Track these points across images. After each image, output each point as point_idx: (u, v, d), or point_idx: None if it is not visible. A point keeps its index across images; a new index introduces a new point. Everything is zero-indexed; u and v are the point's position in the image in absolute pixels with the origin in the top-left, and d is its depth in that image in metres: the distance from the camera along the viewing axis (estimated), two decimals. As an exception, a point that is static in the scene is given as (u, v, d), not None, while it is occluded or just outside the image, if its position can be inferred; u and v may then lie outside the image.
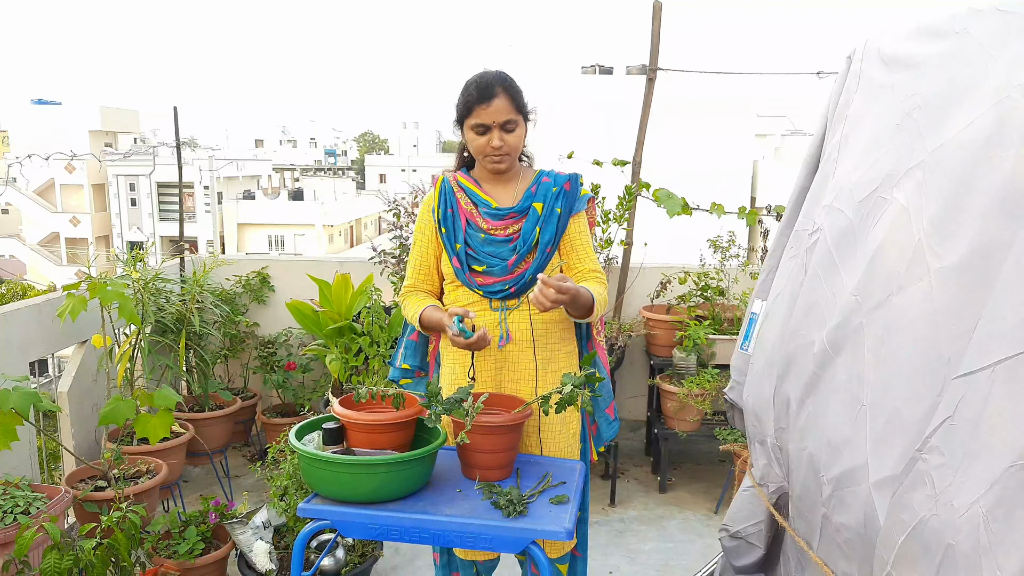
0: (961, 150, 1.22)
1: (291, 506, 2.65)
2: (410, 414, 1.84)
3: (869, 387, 1.31)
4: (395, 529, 1.71)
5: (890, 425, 1.24)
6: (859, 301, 1.39)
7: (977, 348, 1.10)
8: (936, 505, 1.11)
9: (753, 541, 1.84)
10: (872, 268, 1.36)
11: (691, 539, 3.31)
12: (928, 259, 1.22)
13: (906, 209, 1.31)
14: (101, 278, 2.91)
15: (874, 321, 1.33)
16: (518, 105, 1.99)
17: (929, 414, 1.16)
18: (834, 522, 1.39)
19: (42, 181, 31.66)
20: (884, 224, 1.37)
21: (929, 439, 1.14)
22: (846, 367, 1.40)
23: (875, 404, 1.28)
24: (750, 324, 1.92)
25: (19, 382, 2.44)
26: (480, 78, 1.98)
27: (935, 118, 1.32)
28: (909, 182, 1.33)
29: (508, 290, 2.01)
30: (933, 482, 1.12)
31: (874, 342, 1.32)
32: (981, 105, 1.20)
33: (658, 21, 3.77)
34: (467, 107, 1.97)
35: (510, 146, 1.99)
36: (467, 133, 2.01)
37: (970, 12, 1.35)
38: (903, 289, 1.26)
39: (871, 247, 1.39)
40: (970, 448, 1.07)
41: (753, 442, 1.86)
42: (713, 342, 3.65)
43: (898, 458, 1.21)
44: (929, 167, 1.29)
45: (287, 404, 4.12)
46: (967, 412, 1.09)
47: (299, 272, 4.28)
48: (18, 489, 2.52)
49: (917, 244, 1.25)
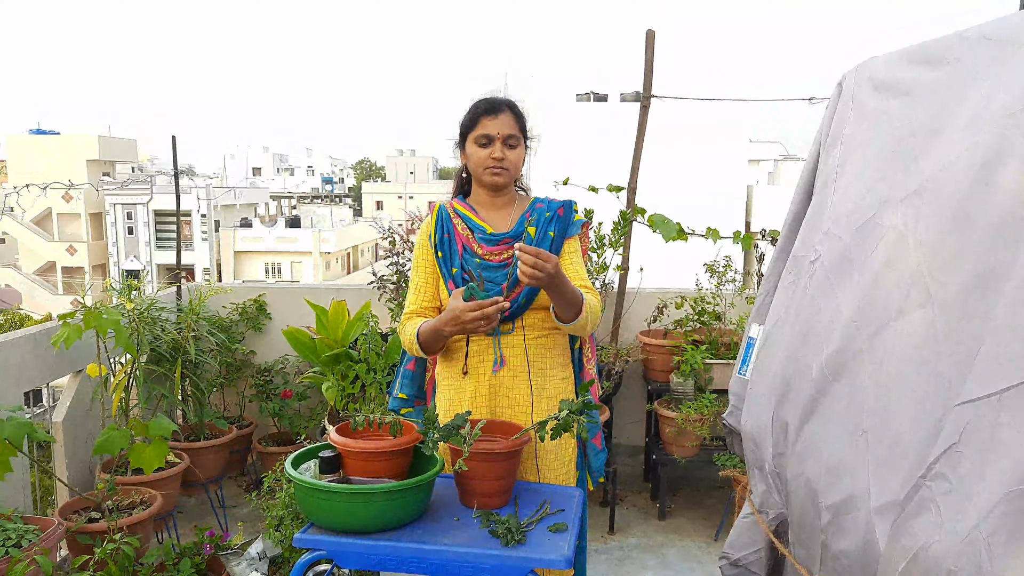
0: (957, 176, 1.23)
1: (287, 536, 2.63)
2: (407, 441, 1.83)
3: (869, 413, 1.31)
4: (392, 559, 1.69)
5: (892, 451, 1.23)
6: (858, 327, 1.39)
7: (981, 374, 1.10)
8: (940, 531, 1.10)
9: (754, 569, 1.82)
10: (872, 295, 1.37)
11: (691, 567, 3.28)
12: (929, 286, 1.22)
13: (904, 235, 1.31)
14: (96, 307, 2.91)
15: (874, 347, 1.33)
16: (522, 126, 2.07)
17: (931, 440, 1.15)
18: (833, 549, 1.38)
19: (39, 210, 31.72)
20: (882, 250, 1.37)
21: (934, 465, 1.14)
22: (845, 393, 1.40)
23: (876, 430, 1.28)
24: (748, 348, 1.92)
25: (13, 412, 2.43)
26: (489, 96, 2.07)
27: (929, 144, 1.33)
28: (906, 208, 1.34)
29: (503, 314, 2.02)
30: (939, 509, 1.11)
31: (874, 368, 1.32)
32: (975, 132, 1.22)
33: (651, 49, 3.82)
34: (473, 119, 2.04)
35: (510, 161, 2.04)
36: (469, 147, 2.06)
37: (960, 39, 1.36)
38: (903, 314, 1.26)
39: (869, 274, 1.39)
40: (977, 475, 1.07)
41: (752, 468, 1.85)
42: (711, 367, 3.65)
43: (900, 484, 1.20)
44: (925, 193, 1.29)
45: (283, 432, 4.09)
46: (974, 439, 1.09)
47: (296, 299, 4.28)
48: (10, 521, 2.49)
49: (916, 270, 1.25)
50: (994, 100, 1.21)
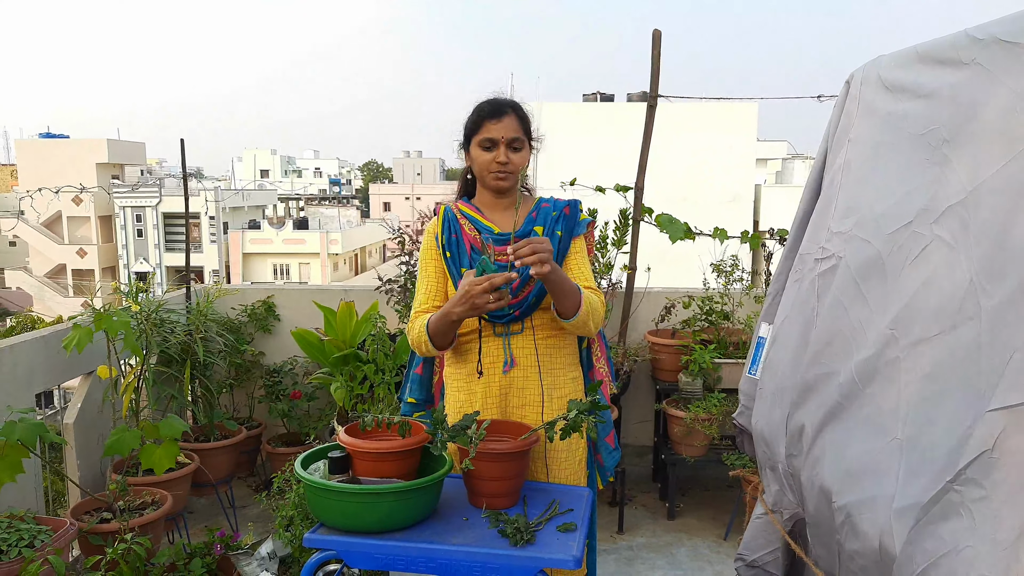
0: (1003, 188, 1.22)
1: (297, 536, 2.63)
2: (416, 442, 1.83)
3: (903, 421, 1.30)
4: (401, 558, 1.69)
5: (923, 457, 1.23)
6: (895, 335, 1.37)
7: (1014, 380, 1.09)
8: (973, 537, 1.09)
9: (771, 569, 1.81)
10: (914, 304, 1.35)
11: (701, 567, 3.27)
12: (980, 299, 1.21)
13: (953, 248, 1.30)
14: (106, 309, 2.92)
15: (915, 356, 1.32)
16: (526, 128, 2.05)
17: (960, 446, 1.15)
18: (847, 549, 1.37)
19: (50, 214, 31.92)
20: (928, 261, 1.36)
21: (964, 471, 1.13)
22: (876, 399, 1.39)
23: (911, 438, 1.27)
24: (758, 348, 1.92)
25: (25, 414, 2.45)
26: (493, 98, 2.06)
27: (959, 152, 1.32)
28: (951, 220, 1.32)
29: (512, 314, 2.02)
30: (972, 514, 1.11)
31: (914, 377, 1.31)
32: (1011, 142, 1.21)
33: (658, 49, 3.81)
34: (477, 122, 2.02)
35: (514, 164, 2.03)
36: (473, 150, 2.05)
37: (973, 41, 1.35)
38: (956, 328, 1.25)
39: (911, 283, 1.38)
40: (1015, 482, 1.06)
41: (764, 468, 1.84)
42: (719, 366, 3.64)
43: (925, 488, 1.19)
44: (971, 205, 1.28)
45: (292, 433, 4.11)
46: (1009, 446, 1.08)
47: (304, 300, 4.29)
48: (23, 522, 2.50)
49: (970, 284, 1.24)
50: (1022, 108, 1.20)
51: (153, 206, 31.92)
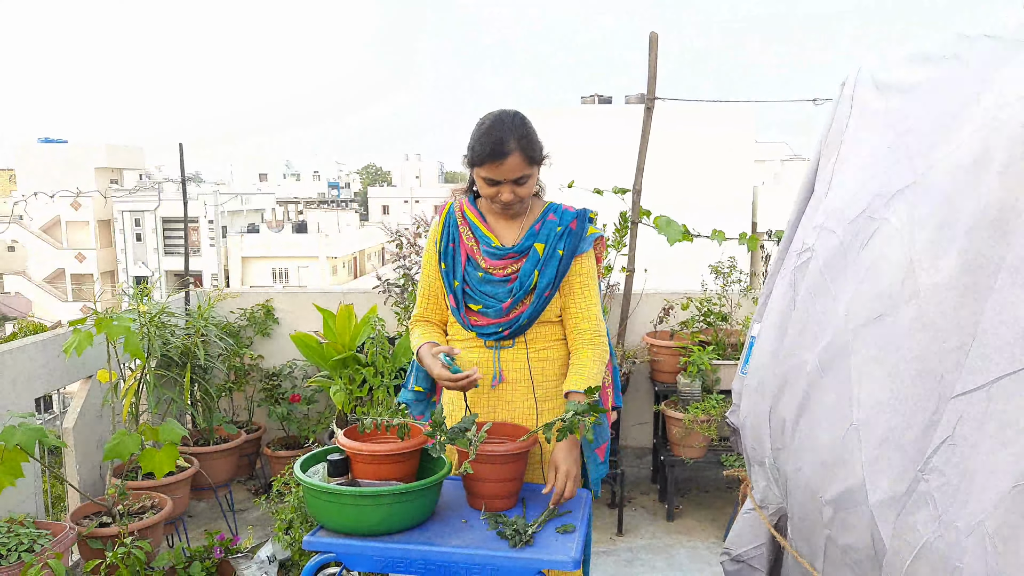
0: (950, 172, 1.24)
1: (296, 539, 2.64)
2: (415, 444, 1.84)
3: (859, 406, 1.31)
4: (401, 561, 1.70)
5: (885, 445, 1.24)
6: (847, 320, 1.39)
7: (972, 367, 1.10)
8: (940, 526, 1.10)
9: (755, 564, 1.83)
10: (861, 287, 1.37)
11: (700, 568, 3.28)
12: (919, 277, 1.23)
13: (899, 231, 1.32)
14: (106, 313, 2.93)
15: (863, 339, 1.33)
16: (532, 158, 1.90)
17: (927, 433, 1.16)
18: (840, 544, 1.38)
19: (48, 218, 31.90)
20: (876, 244, 1.38)
21: (931, 459, 1.14)
22: (835, 386, 1.40)
23: (866, 423, 1.28)
24: (750, 348, 1.93)
25: (25, 418, 2.45)
26: (494, 130, 1.86)
27: (926, 141, 1.34)
28: (898, 202, 1.34)
29: (501, 332, 1.98)
30: (935, 502, 1.12)
31: (862, 361, 1.32)
32: (969, 128, 1.23)
33: (655, 51, 3.82)
34: (479, 160, 1.89)
35: (520, 196, 1.93)
36: (476, 176, 1.94)
37: (960, 38, 1.37)
38: (897, 308, 1.26)
39: (862, 267, 1.40)
40: (970, 467, 1.08)
41: (752, 464, 1.85)
42: (717, 367, 3.65)
43: (897, 478, 1.20)
44: (919, 189, 1.30)
45: (291, 436, 4.11)
46: (966, 431, 1.09)
47: (303, 304, 4.30)
48: (22, 526, 2.51)
49: (909, 264, 1.26)
50: (992, 97, 1.22)
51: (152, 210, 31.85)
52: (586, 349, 1.99)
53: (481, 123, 1.91)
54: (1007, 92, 1.18)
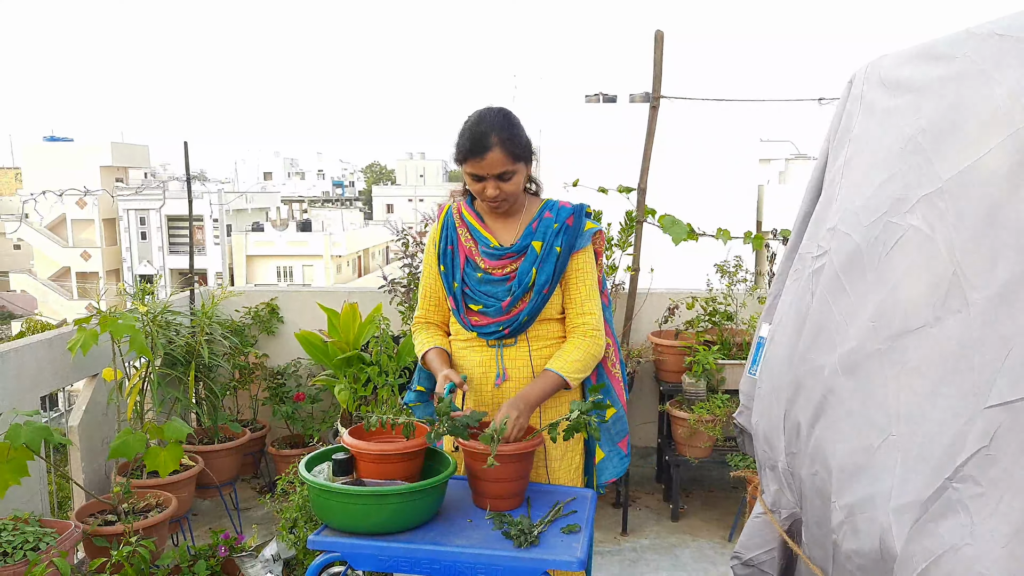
0: (984, 178, 1.21)
1: (301, 538, 2.64)
2: (420, 444, 1.83)
3: (894, 416, 1.29)
4: (406, 560, 1.70)
5: (918, 454, 1.23)
6: (876, 328, 1.37)
7: (1012, 377, 1.09)
8: (971, 535, 1.09)
9: (766, 569, 1.82)
10: (895, 295, 1.35)
11: (704, 568, 3.27)
12: (966, 292, 1.21)
13: (931, 238, 1.30)
14: (112, 312, 2.93)
15: (900, 349, 1.31)
16: (515, 155, 1.90)
17: (959, 443, 1.15)
18: (844, 549, 1.37)
19: (54, 216, 32.00)
20: (902, 251, 1.36)
21: (962, 468, 1.13)
22: (860, 393, 1.39)
23: (903, 434, 1.27)
24: (758, 348, 1.92)
25: (30, 416, 2.45)
26: (475, 126, 1.88)
27: (943, 143, 1.32)
28: (926, 208, 1.32)
29: (502, 331, 1.98)
30: (969, 511, 1.10)
31: (901, 370, 1.30)
32: (995, 133, 1.21)
33: (660, 49, 3.81)
34: (462, 156, 1.91)
35: (506, 193, 1.93)
36: (464, 175, 1.96)
37: (968, 35, 1.36)
38: (940, 320, 1.24)
39: (891, 274, 1.38)
40: (1010, 479, 1.06)
41: (764, 467, 1.84)
42: (722, 367, 3.64)
43: (923, 485, 1.19)
44: (950, 195, 1.28)
45: (296, 435, 4.12)
46: (1006, 443, 1.08)
47: (308, 303, 4.30)
48: (28, 525, 2.51)
49: (953, 275, 1.23)
50: (1004, 98, 1.20)
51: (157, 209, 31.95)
52: (576, 339, 2.01)
53: (466, 120, 1.93)
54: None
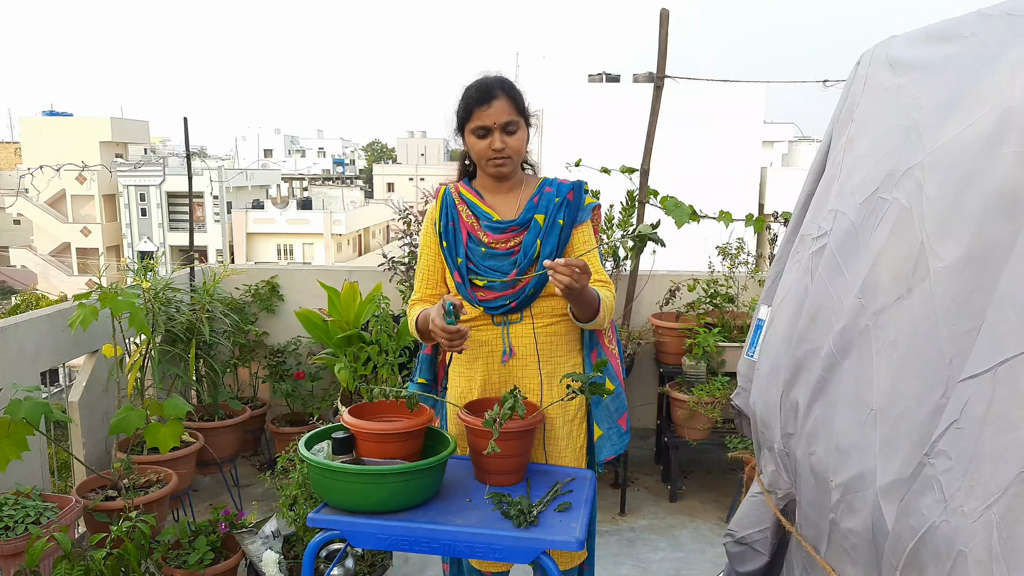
0: (960, 150, 1.21)
1: (301, 516, 2.65)
2: (420, 423, 1.84)
3: (877, 391, 1.30)
4: (405, 539, 1.70)
5: (896, 429, 1.23)
6: (863, 304, 1.38)
7: (982, 349, 1.09)
8: (945, 511, 1.10)
9: (758, 548, 1.83)
10: (876, 270, 1.35)
11: (702, 548, 3.29)
12: (929, 260, 1.21)
13: (908, 209, 1.30)
14: (112, 288, 2.93)
15: (881, 324, 1.32)
16: (519, 107, 1.96)
17: (935, 417, 1.15)
18: (841, 527, 1.38)
19: (53, 192, 31.91)
20: (886, 225, 1.36)
21: (936, 443, 1.13)
22: (852, 371, 1.39)
23: (883, 408, 1.27)
24: (756, 330, 1.91)
25: (30, 392, 2.46)
26: (479, 81, 1.95)
27: (937, 119, 1.32)
28: (908, 182, 1.32)
29: (509, 304, 1.99)
30: (941, 487, 1.11)
31: (882, 345, 1.31)
32: (983, 106, 1.20)
33: (665, 28, 3.77)
34: (467, 110, 1.94)
35: (512, 148, 1.95)
36: (468, 138, 1.98)
37: (979, 16, 1.34)
38: (912, 291, 1.25)
39: (874, 249, 1.38)
40: (976, 452, 1.06)
41: (761, 448, 1.85)
42: (723, 350, 3.64)
43: (904, 462, 1.19)
44: (928, 167, 1.28)
45: (296, 413, 4.13)
46: (972, 415, 1.08)
47: (308, 281, 4.29)
48: (29, 499, 2.52)
49: (921, 245, 1.24)
50: (1007, 74, 1.19)
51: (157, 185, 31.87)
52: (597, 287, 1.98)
53: (465, 86, 1.98)
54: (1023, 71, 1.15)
